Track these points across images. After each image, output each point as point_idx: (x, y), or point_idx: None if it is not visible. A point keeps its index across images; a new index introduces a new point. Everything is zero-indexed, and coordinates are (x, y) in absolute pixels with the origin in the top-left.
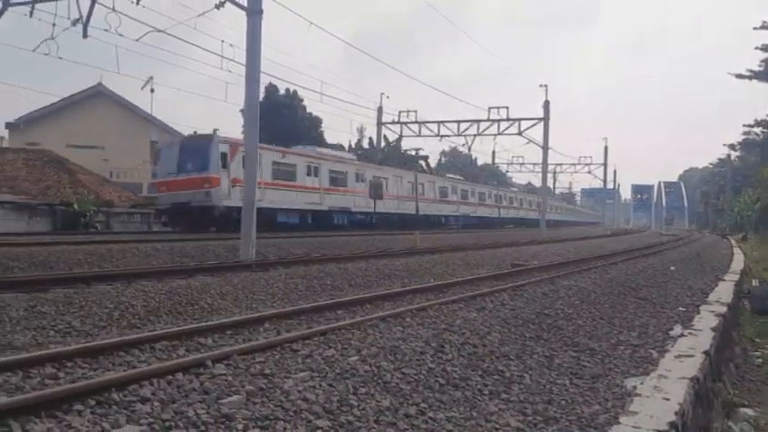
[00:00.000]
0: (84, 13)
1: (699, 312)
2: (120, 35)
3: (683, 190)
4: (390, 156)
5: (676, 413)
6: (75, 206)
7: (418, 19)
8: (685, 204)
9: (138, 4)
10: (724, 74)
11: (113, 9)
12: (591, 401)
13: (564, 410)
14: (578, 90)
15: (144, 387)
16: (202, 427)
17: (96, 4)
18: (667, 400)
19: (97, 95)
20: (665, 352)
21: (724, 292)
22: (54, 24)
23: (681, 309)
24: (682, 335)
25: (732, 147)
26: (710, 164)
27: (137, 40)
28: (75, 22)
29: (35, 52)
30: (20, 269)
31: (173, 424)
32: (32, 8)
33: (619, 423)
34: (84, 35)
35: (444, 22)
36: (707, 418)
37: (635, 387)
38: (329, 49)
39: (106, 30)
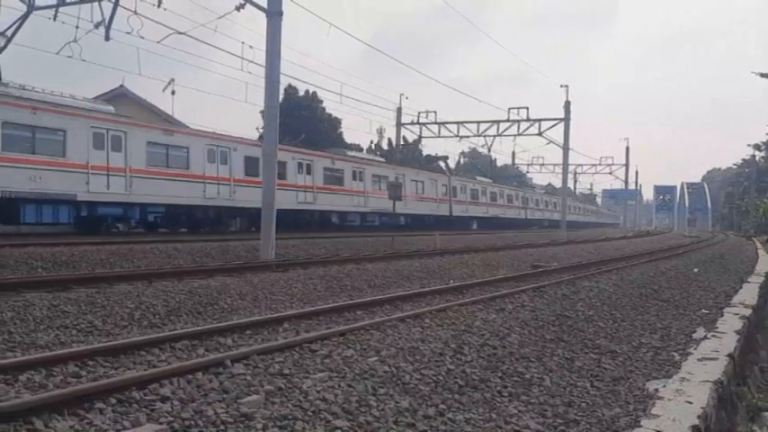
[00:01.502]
0: (107, 16)
1: (722, 315)
2: (142, 38)
3: (707, 191)
4: (409, 157)
5: (699, 417)
6: None
7: (438, 19)
8: (709, 205)
9: (159, 6)
10: (748, 73)
11: (135, 12)
12: (612, 404)
13: (584, 413)
14: (600, 90)
15: (164, 386)
16: (222, 427)
17: (118, 7)
18: (690, 403)
19: (119, 97)
20: (687, 355)
21: (748, 294)
22: (77, 27)
23: (704, 311)
24: (705, 337)
25: (757, 147)
26: (734, 164)
27: (158, 43)
28: (97, 25)
29: (59, 55)
30: (44, 269)
31: (192, 423)
32: (56, 12)
33: (640, 426)
34: (107, 38)
35: (464, 22)
36: (731, 423)
37: (657, 390)
38: (348, 50)
39: (128, 32)
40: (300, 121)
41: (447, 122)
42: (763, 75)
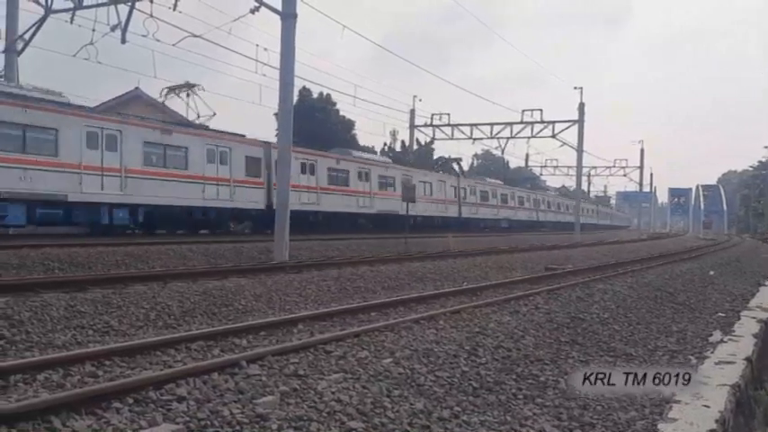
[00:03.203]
0: (123, 20)
1: (739, 318)
2: (158, 40)
3: (722, 193)
4: (422, 159)
5: (717, 421)
6: None
7: (450, 20)
8: (724, 208)
9: (174, 9)
10: (754, 73)
11: (151, 15)
12: (628, 407)
13: (600, 416)
14: (611, 92)
15: (180, 386)
16: (237, 427)
17: (134, 11)
18: (707, 407)
19: (135, 100)
20: (704, 358)
21: (766, 297)
22: (93, 30)
23: (720, 314)
24: (722, 341)
25: None
26: (750, 166)
27: (173, 45)
28: (113, 28)
29: (75, 57)
30: (60, 270)
31: (208, 423)
32: (73, 15)
33: (657, 430)
34: (123, 41)
35: (476, 23)
36: (748, 427)
37: (674, 394)
38: (362, 51)
39: (144, 35)
40: (314, 123)
41: (460, 124)
42: None
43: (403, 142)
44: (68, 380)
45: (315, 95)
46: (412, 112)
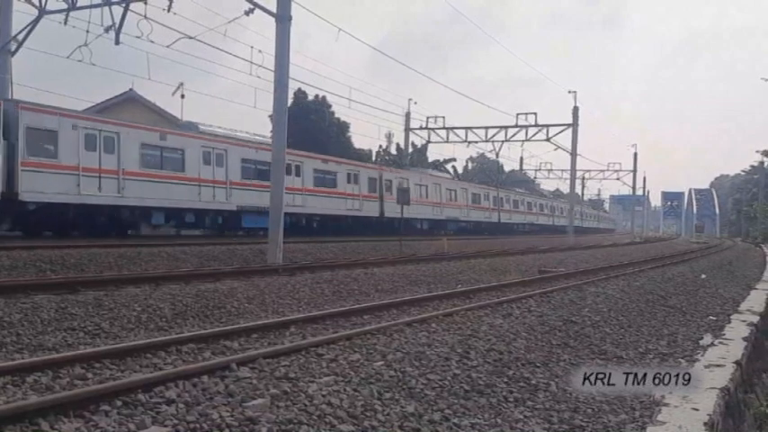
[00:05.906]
0: (117, 21)
1: (730, 321)
2: (152, 42)
3: (715, 197)
4: (416, 161)
5: (705, 424)
6: None
7: (451, 22)
8: (717, 212)
9: (169, 11)
10: (758, 80)
11: (145, 16)
12: (618, 410)
13: (590, 419)
14: (612, 95)
15: (170, 389)
16: (226, 430)
17: (128, 12)
18: (696, 410)
19: (129, 101)
20: (694, 361)
21: (756, 300)
22: (87, 32)
23: (711, 318)
24: (712, 344)
25: (765, 153)
26: (743, 171)
27: (167, 47)
28: (107, 30)
29: (69, 59)
30: (52, 271)
31: (197, 426)
32: (67, 16)
33: None
34: (117, 42)
35: (477, 23)
36: (738, 430)
37: (663, 397)
38: (357, 54)
39: (138, 37)
40: (309, 125)
41: (455, 128)
42: None
43: (398, 145)
44: (57, 382)
45: (310, 97)
46: (407, 114)
